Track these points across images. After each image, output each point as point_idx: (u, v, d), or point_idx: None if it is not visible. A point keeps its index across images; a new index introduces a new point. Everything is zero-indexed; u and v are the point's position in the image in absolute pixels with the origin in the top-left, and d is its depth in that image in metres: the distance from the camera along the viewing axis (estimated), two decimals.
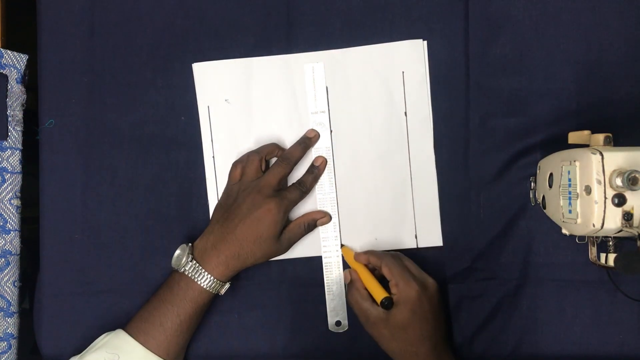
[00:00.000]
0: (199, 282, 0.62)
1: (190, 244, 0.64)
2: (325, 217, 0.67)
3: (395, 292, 0.62)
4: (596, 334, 0.67)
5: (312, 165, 0.68)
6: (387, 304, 0.62)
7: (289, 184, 0.67)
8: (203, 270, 0.62)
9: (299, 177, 0.67)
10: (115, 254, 0.69)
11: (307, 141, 0.68)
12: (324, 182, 0.68)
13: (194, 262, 0.62)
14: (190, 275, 0.62)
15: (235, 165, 0.67)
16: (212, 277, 0.62)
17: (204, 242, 0.64)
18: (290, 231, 0.65)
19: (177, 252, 0.63)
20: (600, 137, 0.58)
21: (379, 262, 0.64)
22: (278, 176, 0.65)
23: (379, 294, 0.63)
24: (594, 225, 0.55)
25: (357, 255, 0.66)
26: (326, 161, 0.68)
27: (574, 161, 0.57)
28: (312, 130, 0.68)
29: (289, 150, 0.67)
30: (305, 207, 0.68)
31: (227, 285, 0.64)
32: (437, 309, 0.63)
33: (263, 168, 0.66)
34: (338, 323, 0.68)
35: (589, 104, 0.67)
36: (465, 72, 0.68)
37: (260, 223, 0.62)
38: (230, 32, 0.69)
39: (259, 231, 0.62)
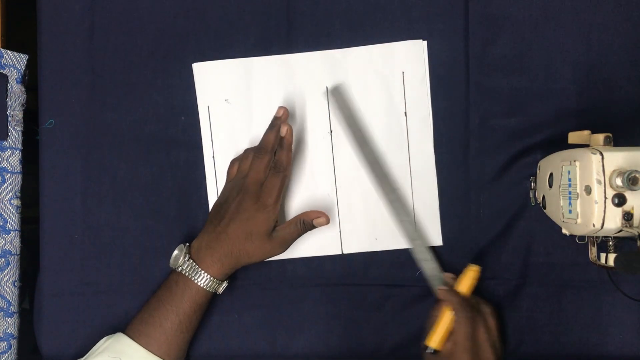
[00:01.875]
0: (196, 281, 0.62)
1: (187, 244, 0.64)
2: (322, 218, 0.65)
3: (442, 352, 0.62)
4: (596, 334, 0.67)
5: (280, 139, 0.65)
6: (429, 352, 0.63)
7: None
8: (200, 268, 0.62)
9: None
10: (115, 254, 0.69)
11: (278, 122, 0.65)
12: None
13: (191, 261, 0.62)
14: (187, 274, 0.62)
15: (232, 163, 0.67)
16: (208, 276, 0.62)
17: (199, 241, 0.64)
18: (284, 229, 0.64)
19: (175, 252, 0.64)
20: (600, 137, 0.58)
21: (454, 317, 0.62)
22: (261, 169, 0.63)
23: (429, 339, 0.63)
24: (594, 225, 0.55)
25: (443, 293, 0.64)
26: (291, 128, 0.64)
27: (574, 161, 0.57)
28: (280, 107, 0.65)
29: (262, 139, 0.65)
30: (305, 209, 0.68)
31: (224, 284, 0.64)
32: None
33: None
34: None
35: (589, 104, 0.67)
36: (465, 72, 0.68)
37: (248, 221, 0.62)
38: (230, 32, 0.69)
39: (248, 228, 0.62)
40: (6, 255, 0.67)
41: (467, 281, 0.64)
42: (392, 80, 0.68)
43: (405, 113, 0.68)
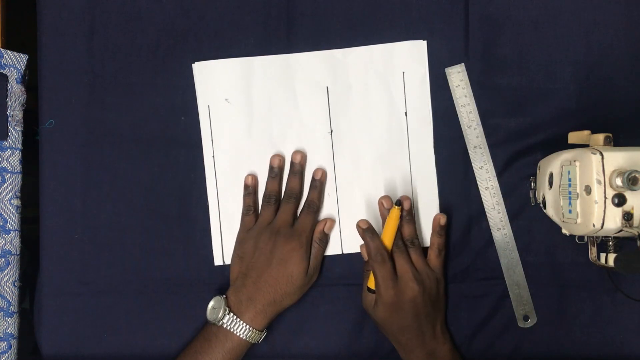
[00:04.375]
0: (237, 334, 0.62)
1: (224, 296, 0.64)
2: (329, 222, 0.67)
3: (377, 292, 0.63)
4: (596, 334, 0.67)
5: (313, 179, 0.68)
6: (372, 292, 0.64)
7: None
8: (241, 321, 0.62)
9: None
10: (115, 254, 0.69)
11: (298, 167, 0.67)
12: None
13: (232, 314, 0.62)
14: (228, 327, 0.62)
15: (244, 214, 0.67)
16: (250, 328, 0.62)
17: (237, 295, 0.64)
18: (311, 255, 0.66)
19: (211, 303, 0.63)
20: (600, 137, 0.58)
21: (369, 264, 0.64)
22: (290, 213, 0.66)
23: (369, 281, 0.65)
24: (594, 225, 0.55)
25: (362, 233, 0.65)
26: (325, 172, 0.68)
27: (574, 161, 0.57)
28: (297, 153, 0.67)
29: (288, 186, 0.67)
30: None
31: (264, 333, 0.64)
32: (417, 310, 0.62)
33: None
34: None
35: (589, 104, 0.67)
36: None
37: (287, 264, 0.63)
38: (230, 32, 0.69)
39: (287, 271, 0.63)
40: (6, 255, 0.67)
41: (389, 221, 0.64)
42: (392, 80, 0.68)
43: (406, 113, 0.68)
